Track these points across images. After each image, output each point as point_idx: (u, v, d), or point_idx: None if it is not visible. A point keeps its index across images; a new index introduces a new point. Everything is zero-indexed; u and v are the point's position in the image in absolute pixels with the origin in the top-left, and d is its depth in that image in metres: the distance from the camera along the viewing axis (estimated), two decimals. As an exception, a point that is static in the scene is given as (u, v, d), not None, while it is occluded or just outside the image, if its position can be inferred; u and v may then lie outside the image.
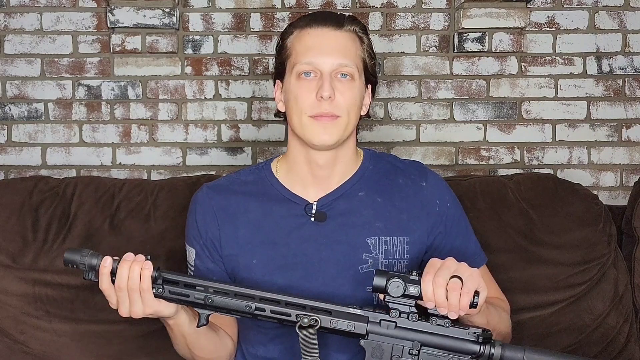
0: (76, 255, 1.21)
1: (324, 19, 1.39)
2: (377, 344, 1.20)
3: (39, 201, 1.84)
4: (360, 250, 1.39)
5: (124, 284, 1.20)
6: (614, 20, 2.35)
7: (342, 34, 1.38)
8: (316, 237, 1.39)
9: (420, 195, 1.44)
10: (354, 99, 1.37)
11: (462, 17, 2.27)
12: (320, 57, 1.35)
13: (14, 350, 1.76)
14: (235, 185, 1.46)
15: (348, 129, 1.38)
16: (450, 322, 1.19)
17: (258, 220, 1.41)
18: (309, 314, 1.20)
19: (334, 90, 1.34)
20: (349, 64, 1.36)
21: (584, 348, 1.81)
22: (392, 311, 1.20)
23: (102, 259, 1.21)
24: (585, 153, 2.35)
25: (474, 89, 2.34)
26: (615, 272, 1.87)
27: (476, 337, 1.19)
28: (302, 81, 1.36)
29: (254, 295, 1.21)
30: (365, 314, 1.21)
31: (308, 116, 1.35)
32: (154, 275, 1.20)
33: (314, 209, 1.41)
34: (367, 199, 1.43)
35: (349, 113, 1.36)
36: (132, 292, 1.20)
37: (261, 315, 1.21)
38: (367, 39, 1.43)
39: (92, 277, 1.21)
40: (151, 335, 1.75)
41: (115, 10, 2.25)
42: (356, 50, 1.39)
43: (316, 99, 1.34)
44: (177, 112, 2.33)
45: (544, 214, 1.87)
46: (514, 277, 1.80)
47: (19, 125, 2.31)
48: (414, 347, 1.20)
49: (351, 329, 1.20)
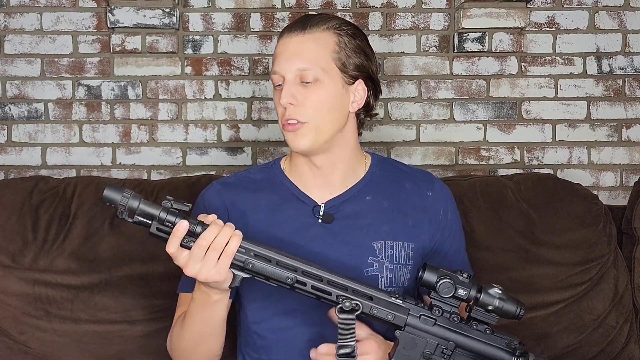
0: (117, 195, 1.15)
1: (293, 26, 1.40)
2: (412, 338, 1.19)
3: (39, 201, 1.84)
4: (366, 254, 1.39)
5: (208, 242, 1.16)
6: (614, 20, 2.35)
7: (305, 38, 1.37)
8: (323, 238, 1.40)
9: (426, 202, 1.45)
10: (320, 101, 1.36)
11: (462, 17, 2.27)
12: (282, 65, 1.37)
13: (14, 350, 1.76)
14: (245, 183, 1.47)
15: (321, 132, 1.37)
16: (490, 329, 1.19)
17: (267, 219, 1.42)
18: (351, 296, 1.18)
19: (295, 96, 1.35)
20: (309, 67, 1.35)
21: (584, 348, 1.81)
22: (435, 309, 1.19)
23: (180, 222, 1.15)
24: (585, 153, 2.35)
25: (474, 89, 2.34)
26: (615, 272, 1.87)
27: (512, 349, 1.18)
28: (276, 92, 1.40)
29: (297, 268, 1.18)
30: (406, 305, 1.20)
31: (281, 124, 1.38)
32: (198, 230, 1.16)
33: (322, 211, 1.42)
34: (373, 203, 1.43)
35: (317, 117, 1.36)
36: (212, 251, 1.16)
37: (301, 289, 1.18)
38: (350, 35, 1.40)
39: (127, 217, 1.16)
40: (151, 335, 1.75)
41: (115, 10, 2.25)
42: (323, 51, 1.37)
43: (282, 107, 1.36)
44: (177, 112, 2.32)
45: (544, 214, 1.87)
46: (514, 277, 1.80)
47: (19, 125, 2.31)
48: (448, 347, 1.19)
49: (390, 319, 1.19)
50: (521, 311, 1.17)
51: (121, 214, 1.16)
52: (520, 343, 1.19)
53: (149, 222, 1.17)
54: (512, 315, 1.17)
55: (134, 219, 1.17)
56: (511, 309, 1.17)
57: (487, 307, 1.17)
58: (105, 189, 1.16)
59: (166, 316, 1.73)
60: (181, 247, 1.17)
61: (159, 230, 1.17)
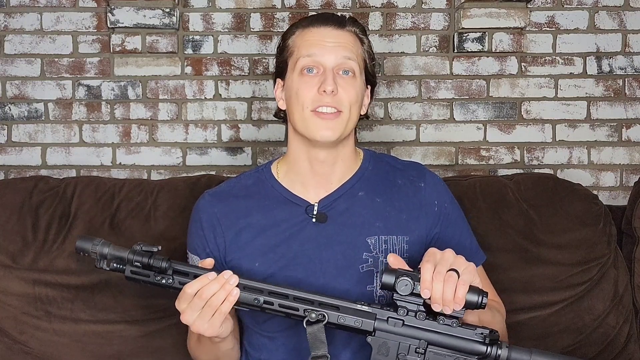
0: (88, 244, 1.20)
1: (326, 19, 1.42)
2: (384, 342, 1.20)
3: (39, 201, 1.84)
4: (360, 250, 1.39)
5: (208, 295, 1.19)
6: (614, 20, 2.35)
7: (344, 33, 1.41)
8: (317, 238, 1.40)
9: (419, 195, 1.45)
10: (355, 95, 1.38)
11: (462, 17, 2.27)
12: (323, 53, 1.37)
13: (14, 350, 1.76)
14: (236, 190, 1.47)
15: (349, 126, 1.39)
16: (457, 322, 1.20)
17: (260, 224, 1.42)
18: (317, 309, 1.20)
19: (336, 85, 1.35)
20: (352, 58, 1.38)
21: (584, 348, 1.81)
22: (400, 309, 1.20)
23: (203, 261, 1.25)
24: (585, 153, 2.35)
25: (474, 89, 2.34)
26: (615, 272, 1.87)
27: (483, 338, 1.19)
28: (305, 77, 1.38)
29: (263, 289, 1.22)
30: (372, 310, 1.21)
31: (310, 110, 1.36)
32: (165, 265, 1.20)
33: (315, 210, 1.42)
34: (366, 199, 1.43)
35: (351, 109, 1.38)
36: (207, 307, 1.20)
37: (269, 309, 1.22)
38: (367, 40, 1.46)
39: (104, 266, 1.21)
40: (151, 335, 1.75)
41: (115, 10, 2.25)
42: (358, 49, 1.42)
43: (318, 93, 1.35)
44: (177, 112, 2.32)
45: (544, 214, 1.87)
46: (514, 277, 1.80)
47: (19, 125, 2.31)
48: (420, 346, 1.20)
49: (358, 325, 1.21)
50: (483, 299, 1.17)
51: (98, 263, 1.21)
52: (491, 331, 1.19)
53: (123, 267, 1.22)
54: (475, 305, 1.17)
55: (110, 267, 1.21)
56: (473, 299, 1.17)
57: None
58: (77, 240, 1.21)
59: (166, 316, 1.73)
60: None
61: (133, 273, 1.22)
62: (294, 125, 1.42)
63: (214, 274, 1.21)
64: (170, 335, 1.73)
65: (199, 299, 1.19)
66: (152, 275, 1.22)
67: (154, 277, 1.22)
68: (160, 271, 1.21)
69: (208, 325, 1.21)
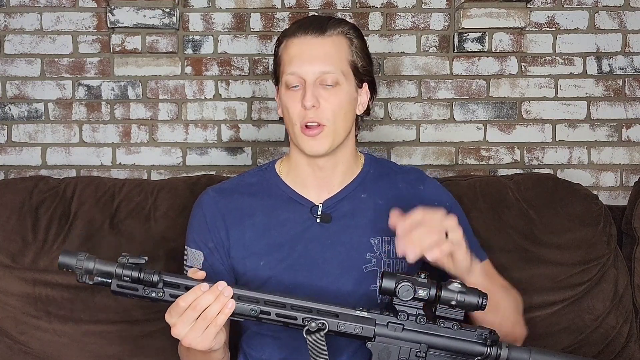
0: (72, 259, 1.16)
1: (307, 27, 1.40)
2: (384, 347, 1.20)
3: (39, 201, 1.84)
4: (364, 251, 1.40)
5: (202, 307, 1.15)
6: (614, 20, 2.35)
7: (325, 41, 1.39)
8: (321, 239, 1.40)
9: (419, 198, 1.45)
10: (340, 105, 1.38)
11: (462, 17, 2.27)
12: (302, 67, 1.37)
13: (14, 350, 1.76)
14: (241, 188, 1.47)
15: (338, 135, 1.39)
16: (458, 325, 1.19)
17: (264, 223, 1.42)
18: (316, 317, 1.19)
19: (317, 99, 1.36)
20: (331, 71, 1.37)
21: (584, 348, 1.81)
22: (400, 314, 1.20)
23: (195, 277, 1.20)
24: (585, 153, 2.35)
25: (474, 89, 2.34)
26: (615, 272, 1.87)
27: (483, 339, 1.19)
28: (290, 92, 1.39)
29: (259, 299, 1.19)
30: (372, 316, 1.20)
31: (298, 127, 1.38)
32: (155, 279, 1.17)
33: (320, 211, 1.42)
34: (369, 201, 1.45)
35: (336, 120, 1.37)
36: (201, 320, 1.16)
37: (267, 318, 1.19)
38: (358, 39, 1.43)
39: (87, 280, 1.17)
40: (151, 335, 1.75)
41: (115, 10, 2.25)
42: (341, 54, 1.40)
43: (302, 108, 1.36)
44: (177, 112, 2.32)
45: (544, 214, 1.87)
46: (514, 277, 1.79)
47: (19, 125, 2.31)
48: (421, 350, 1.20)
49: (359, 332, 1.20)
50: (484, 301, 1.17)
51: (81, 278, 1.17)
52: (490, 332, 1.20)
53: (108, 281, 1.18)
54: (475, 307, 1.17)
55: (94, 281, 1.18)
56: (473, 301, 1.17)
57: (449, 302, 1.18)
58: (60, 255, 1.17)
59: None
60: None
61: (120, 287, 1.18)
62: (290, 136, 1.44)
63: (207, 285, 1.17)
64: (170, 335, 1.73)
65: (192, 311, 1.15)
66: (140, 289, 1.18)
67: (143, 291, 1.18)
68: (151, 285, 1.18)
69: (201, 338, 1.17)
